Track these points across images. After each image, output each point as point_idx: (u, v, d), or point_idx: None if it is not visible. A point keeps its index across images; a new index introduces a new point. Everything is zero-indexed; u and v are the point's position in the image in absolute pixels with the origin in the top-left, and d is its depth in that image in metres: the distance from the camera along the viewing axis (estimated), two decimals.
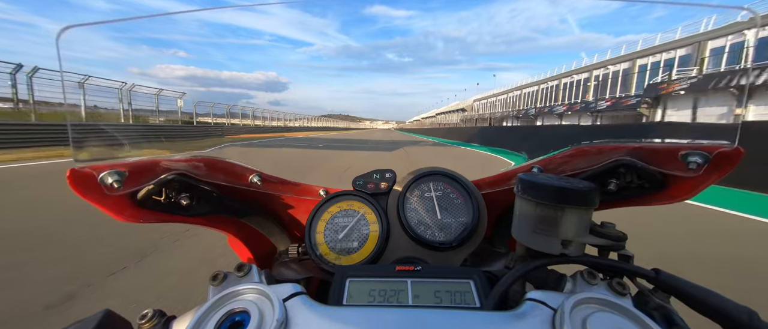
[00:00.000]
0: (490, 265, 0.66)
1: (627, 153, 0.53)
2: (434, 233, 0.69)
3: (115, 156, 0.51)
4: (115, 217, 0.48)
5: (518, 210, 0.50)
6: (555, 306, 0.36)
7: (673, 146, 0.48)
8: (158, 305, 0.40)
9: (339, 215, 0.72)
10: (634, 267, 0.43)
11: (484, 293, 0.43)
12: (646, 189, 0.52)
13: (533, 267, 0.43)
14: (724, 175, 0.45)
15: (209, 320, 0.34)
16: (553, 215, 0.44)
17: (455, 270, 0.48)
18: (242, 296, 0.37)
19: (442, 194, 0.74)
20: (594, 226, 0.47)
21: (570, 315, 0.33)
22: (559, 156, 0.64)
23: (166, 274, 2.51)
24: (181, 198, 0.56)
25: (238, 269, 0.43)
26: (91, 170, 0.45)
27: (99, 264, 2.62)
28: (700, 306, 0.38)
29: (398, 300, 0.43)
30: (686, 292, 0.39)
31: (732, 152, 0.43)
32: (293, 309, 0.36)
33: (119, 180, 0.46)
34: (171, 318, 0.39)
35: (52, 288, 2.22)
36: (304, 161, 10.74)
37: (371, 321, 0.35)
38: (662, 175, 0.50)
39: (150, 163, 0.52)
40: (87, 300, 2.12)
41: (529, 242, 0.48)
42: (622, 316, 0.34)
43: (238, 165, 0.66)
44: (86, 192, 0.45)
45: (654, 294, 0.42)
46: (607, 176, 0.55)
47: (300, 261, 0.74)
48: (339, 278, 0.47)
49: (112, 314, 0.37)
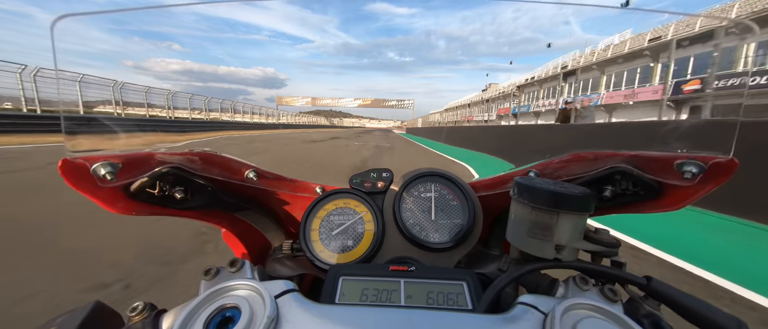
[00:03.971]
0: (484, 267, 0.66)
1: (623, 160, 0.53)
2: (429, 234, 0.69)
3: (109, 148, 0.50)
4: (107, 208, 0.48)
5: (513, 214, 0.50)
6: (546, 310, 0.36)
7: (669, 155, 0.48)
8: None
9: (335, 213, 0.72)
10: (626, 274, 0.43)
11: (477, 295, 0.43)
12: (641, 197, 0.53)
13: (526, 270, 0.43)
14: (718, 185, 0.46)
15: (200, 315, 0.34)
16: (547, 219, 0.44)
17: (449, 271, 0.48)
18: (234, 291, 0.37)
19: (438, 196, 0.74)
20: (588, 232, 0.47)
21: (561, 319, 0.33)
22: (556, 161, 0.64)
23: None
24: (176, 191, 0.55)
25: (231, 264, 0.43)
26: (84, 160, 0.44)
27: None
28: (690, 315, 0.39)
29: (390, 300, 0.43)
30: (677, 301, 0.40)
31: (727, 162, 0.44)
32: (285, 306, 0.36)
33: (112, 172, 0.46)
34: (161, 311, 0.38)
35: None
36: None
37: (362, 320, 0.35)
38: (658, 183, 0.50)
39: (144, 155, 0.51)
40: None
41: (523, 246, 0.48)
42: (613, 323, 0.34)
43: (233, 160, 0.66)
44: (78, 183, 0.44)
45: (645, 301, 0.42)
46: (603, 182, 0.55)
47: (294, 257, 0.73)
48: (332, 276, 0.47)
49: (103, 306, 0.37)
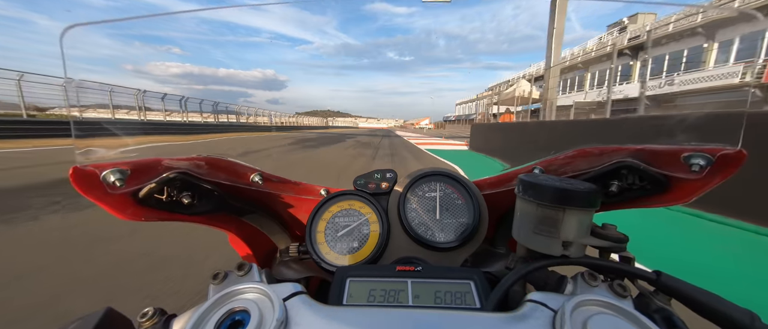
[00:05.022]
0: (491, 266, 0.66)
1: (629, 155, 0.53)
2: (435, 234, 0.69)
3: (118, 155, 0.51)
4: (116, 215, 0.48)
5: (519, 211, 0.50)
6: (555, 307, 0.36)
7: (676, 148, 0.48)
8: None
9: (340, 215, 0.72)
10: (635, 269, 0.43)
11: (485, 294, 0.43)
12: (648, 191, 0.52)
13: (534, 268, 0.43)
14: (727, 177, 0.45)
15: (209, 319, 0.35)
16: (553, 216, 0.44)
17: (455, 270, 0.48)
18: (243, 295, 0.37)
19: (443, 195, 0.74)
20: (595, 228, 0.47)
21: (570, 316, 0.33)
22: (561, 157, 0.64)
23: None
24: (183, 197, 0.56)
25: (238, 268, 0.44)
26: (94, 168, 0.45)
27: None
28: (701, 309, 0.38)
29: (398, 301, 0.43)
30: (687, 295, 0.39)
31: (735, 154, 0.43)
32: (293, 308, 0.36)
33: (121, 179, 0.46)
34: (171, 316, 0.39)
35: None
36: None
37: (371, 321, 0.35)
38: (664, 177, 0.49)
39: (152, 162, 0.52)
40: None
41: (529, 244, 0.48)
42: (623, 318, 0.34)
43: (239, 164, 0.66)
44: (88, 190, 0.45)
45: (655, 296, 0.42)
46: (608, 177, 0.55)
47: (300, 260, 0.74)
48: (339, 278, 0.47)
49: (114, 312, 0.37)
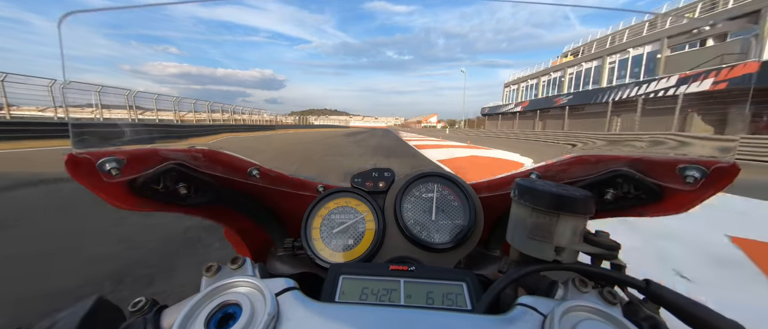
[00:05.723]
0: (484, 269, 0.67)
1: (625, 164, 0.53)
2: (430, 234, 0.69)
3: (113, 144, 0.51)
4: (112, 203, 0.48)
5: (514, 215, 0.50)
6: (545, 312, 0.36)
7: (672, 159, 0.48)
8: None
9: (336, 212, 0.72)
10: (626, 276, 0.43)
11: (477, 296, 0.43)
12: (642, 200, 0.53)
13: (526, 272, 0.44)
14: (720, 190, 0.46)
15: (201, 311, 0.35)
16: (548, 221, 0.45)
17: (448, 271, 0.48)
18: (235, 288, 0.38)
19: (439, 196, 0.74)
20: (588, 234, 0.47)
21: (560, 321, 0.33)
22: (558, 163, 0.64)
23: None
24: (179, 188, 0.56)
25: (232, 261, 0.44)
26: (90, 155, 0.45)
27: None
28: (688, 319, 0.39)
29: (390, 300, 0.43)
30: (676, 304, 0.40)
31: (729, 167, 0.44)
32: (285, 303, 0.36)
33: (117, 167, 0.46)
34: (162, 307, 0.39)
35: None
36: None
37: (362, 319, 0.35)
38: (659, 187, 0.50)
39: (149, 151, 0.52)
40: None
41: (523, 248, 0.48)
42: (611, 325, 0.34)
43: (236, 157, 0.66)
44: (84, 178, 0.45)
45: (644, 304, 0.42)
46: (604, 185, 0.55)
47: (295, 255, 0.74)
48: (332, 274, 0.47)
49: (104, 301, 0.37)
